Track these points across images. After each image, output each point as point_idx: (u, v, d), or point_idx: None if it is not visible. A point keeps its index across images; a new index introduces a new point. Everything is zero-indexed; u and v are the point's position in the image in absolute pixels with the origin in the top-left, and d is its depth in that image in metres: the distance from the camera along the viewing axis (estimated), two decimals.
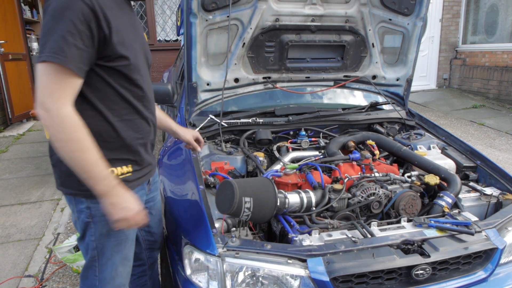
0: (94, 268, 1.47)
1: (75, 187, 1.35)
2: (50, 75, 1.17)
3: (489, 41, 8.00)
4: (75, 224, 1.48)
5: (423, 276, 1.51)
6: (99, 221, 1.39)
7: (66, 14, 1.15)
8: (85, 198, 1.36)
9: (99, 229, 1.41)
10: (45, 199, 3.84)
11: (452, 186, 1.96)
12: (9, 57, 6.34)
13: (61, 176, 1.38)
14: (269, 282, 1.46)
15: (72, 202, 1.42)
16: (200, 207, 1.67)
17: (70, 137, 1.18)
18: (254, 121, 2.48)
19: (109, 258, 1.47)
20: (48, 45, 1.15)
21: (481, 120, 6.53)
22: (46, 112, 1.16)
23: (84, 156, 1.20)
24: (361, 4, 2.47)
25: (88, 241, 1.43)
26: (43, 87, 1.17)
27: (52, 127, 1.18)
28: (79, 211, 1.41)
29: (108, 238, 1.44)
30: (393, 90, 2.91)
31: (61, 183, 1.40)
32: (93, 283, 1.50)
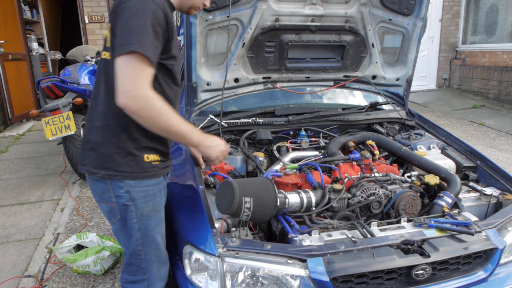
0: (139, 252, 1.58)
1: (114, 169, 1.46)
2: (133, 66, 1.31)
3: (489, 41, 8.01)
4: (110, 212, 1.55)
5: (423, 276, 1.51)
6: (139, 203, 1.52)
7: (147, 15, 1.33)
8: (123, 180, 1.47)
9: (139, 210, 1.52)
10: (45, 199, 3.84)
11: (452, 186, 1.96)
12: (9, 57, 6.34)
13: (99, 158, 1.48)
14: (269, 282, 1.46)
15: (108, 189, 1.50)
16: (200, 207, 1.67)
17: (161, 111, 1.36)
18: (254, 121, 2.48)
19: (152, 239, 1.58)
20: (132, 39, 1.30)
21: (481, 120, 6.54)
22: (132, 99, 1.31)
23: (175, 121, 1.41)
24: (361, 4, 2.47)
25: (131, 224, 1.54)
26: (126, 78, 1.31)
27: (143, 109, 1.33)
28: (118, 196, 1.50)
29: (149, 219, 1.55)
30: (393, 90, 2.91)
31: (98, 166, 1.48)
32: (139, 266, 1.60)
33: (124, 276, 1.66)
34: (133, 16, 1.32)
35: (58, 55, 7.12)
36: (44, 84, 3.70)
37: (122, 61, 1.31)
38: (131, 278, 1.64)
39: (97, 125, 1.50)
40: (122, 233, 1.59)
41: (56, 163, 4.86)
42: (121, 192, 1.50)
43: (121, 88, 1.31)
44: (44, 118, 3.64)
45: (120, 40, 1.32)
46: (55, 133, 3.62)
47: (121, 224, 1.56)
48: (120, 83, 1.31)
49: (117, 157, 1.46)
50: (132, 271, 1.62)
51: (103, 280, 2.59)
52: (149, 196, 1.54)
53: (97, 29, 7.02)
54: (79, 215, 3.48)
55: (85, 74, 4.49)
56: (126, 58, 1.31)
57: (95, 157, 1.50)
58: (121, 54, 1.31)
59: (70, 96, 3.80)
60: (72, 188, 4.09)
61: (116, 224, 1.58)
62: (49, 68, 8.05)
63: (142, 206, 1.53)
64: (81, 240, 2.67)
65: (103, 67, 1.50)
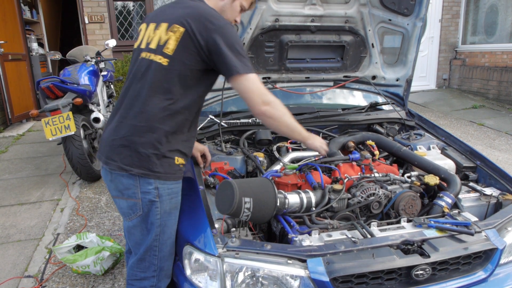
0: (155, 248, 1.63)
1: (149, 168, 1.54)
2: (258, 82, 1.56)
3: (488, 41, 8.01)
4: (130, 208, 1.59)
5: (423, 276, 1.51)
6: (165, 200, 1.60)
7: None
8: (154, 179, 1.55)
9: (163, 207, 1.60)
10: (45, 200, 3.84)
11: (452, 186, 1.96)
12: (9, 58, 6.34)
13: (134, 156, 1.54)
14: (269, 283, 1.46)
15: (136, 185, 1.55)
16: (200, 208, 1.68)
17: (286, 112, 1.63)
18: (254, 121, 2.48)
19: (169, 237, 1.65)
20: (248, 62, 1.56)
21: (481, 120, 6.54)
22: (269, 105, 1.56)
23: (293, 120, 1.67)
24: (360, 5, 2.48)
25: (153, 220, 1.59)
26: (260, 91, 1.55)
27: (278, 111, 1.59)
28: (145, 192, 1.56)
29: (170, 216, 1.63)
30: (393, 91, 2.91)
31: (131, 163, 1.54)
32: (152, 262, 1.64)
33: (132, 273, 1.67)
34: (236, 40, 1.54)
35: (58, 55, 7.12)
36: (44, 84, 3.70)
37: (248, 80, 1.53)
38: (141, 275, 1.65)
39: (139, 125, 1.54)
40: (138, 230, 1.62)
41: (56, 163, 4.86)
42: (149, 188, 1.56)
43: (259, 99, 1.55)
44: (44, 118, 3.64)
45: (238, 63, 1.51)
46: (55, 133, 3.62)
47: (141, 220, 1.59)
48: (256, 96, 1.55)
49: (154, 158, 1.54)
50: (143, 267, 1.65)
51: (103, 281, 2.59)
52: (173, 194, 1.63)
53: (97, 29, 7.02)
54: (79, 215, 3.48)
55: (85, 75, 4.48)
56: (250, 77, 1.53)
57: (129, 154, 1.54)
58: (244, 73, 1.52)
59: (70, 97, 3.80)
60: (72, 188, 4.09)
61: (134, 220, 1.60)
62: (49, 68, 8.05)
63: (167, 202, 1.60)
64: (81, 241, 2.67)
65: (153, 71, 1.55)
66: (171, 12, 1.61)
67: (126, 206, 1.61)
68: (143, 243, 1.63)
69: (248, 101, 1.56)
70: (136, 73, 1.60)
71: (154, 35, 1.60)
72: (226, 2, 1.69)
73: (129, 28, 7.38)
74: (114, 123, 1.61)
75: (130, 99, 1.59)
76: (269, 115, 1.57)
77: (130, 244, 1.70)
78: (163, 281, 1.69)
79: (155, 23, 1.63)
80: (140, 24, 1.76)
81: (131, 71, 1.64)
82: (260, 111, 1.56)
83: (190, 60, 1.53)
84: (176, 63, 1.53)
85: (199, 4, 1.60)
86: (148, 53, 1.58)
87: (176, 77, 1.54)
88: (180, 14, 1.56)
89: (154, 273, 1.65)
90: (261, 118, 1.60)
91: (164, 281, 1.69)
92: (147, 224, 1.60)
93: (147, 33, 1.65)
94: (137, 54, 1.64)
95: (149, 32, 1.63)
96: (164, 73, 1.53)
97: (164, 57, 1.53)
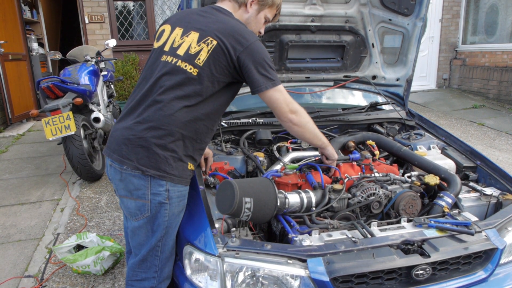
0: (157, 249, 1.64)
1: (166, 171, 1.56)
2: (285, 93, 1.66)
3: (489, 41, 8.01)
4: (138, 209, 1.59)
5: (423, 276, 1.51)
6: (174, 202, 1.62)
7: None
8: (166, 181, 1.57)
9: (172, 209, 1.62)
10: (45, 199, 3.84)
11: (452, 186, 1.96)
12: (9, 57, 6.34)
13: (153, 158, 1.55)
14: (269, 282, 1.46)
15: (147, 186, 1.56)
16: (200, 207, 1.68)
17: (310, 119, 1.76)
18: (254, 121, 2.48)
19: (171, 238, 1.67)
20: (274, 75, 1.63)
21: (481, 120, 6.54)
22: (296, 113, 1.68)
23: (315, 127, 1.80)
24: (361, 5, 2.48)
25: (160, 221, 1.61)
26: (287, 101, 1.66)
27: (303, 119, 1.72)
28: (156, 193, 1.57)
29: (177, 218, 1.66)
30: (393, 90, 2.91)
31: (148, 164, 1.55)
32: (153, 263, 1.65)
33: (132, 273, 1.68)
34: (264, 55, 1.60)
35: (58, 55, 7.12)
36: (44, 84, 3.70)
37: (275, 92, 1.62)
38: (142, 275, 1.66)
39: (159, 127, 1.55)
40: (142, 230, 1.62)
41: (56, 163, 4.86)
42: (160, 190, 1.57)
43: (286, 108, 1.66)
44: (44, 118, 3.64)
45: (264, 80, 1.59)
46: (55, 133, 3.62)
47: (147, 221, 1.60)
48: (284, 105, 1.65)
49: (171, 161, 1.57)
50: (144, 267, 1.65)
51: (103, 280, 2.59)
52: (182, 196, 1.65)
53: (97, 29, 7.02)
54: (79, 215, 3.48)
55: (85, 74, 4.48)
56: (276, 89, 1.62)
57: (147, 155, 1.55)
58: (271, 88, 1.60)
59: (70, 96, 3.80)
60: (72, 188, 4.10)
61: (140, 221, 1.60)
62: (49, 68, 8.06)
63: (176, 205, 1.62)
64: (81, 240, 2.67)
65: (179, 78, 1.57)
66: (201, 22, 1.63)
67: (134, 206, 1.60)
68: (146, 244, 1.63)
69: (276, 110, 1.67)
70: (157, 74, 1.60)
71: (182, 42, 1.61)
72: (251, 14, 1.74)
73: (129, 28, 7.38)
74: (131, 121, 1.60)
75: (150, 100, 1.58)
76: (295, 122, 1.69)
77: (132, 244, 1.70)
78: (163, 283, 1.69)
79: (183, 29, 1.64)
80: (162, 24, 1.76)
81: (151, 71, 1.64)
82: (287, 118, 1.67)
83: (219, 72, 1.59)
84: (204, 74, 1.57)
85: (230, 19, 1.66)
86: (174, 58, 1.59)
87: (203, 87, 1.58)
88: (213, 27, 1.59)
89: (155, 274, 1.66)
90: (287, 125, 1.71)
91: (164, 282, 1.70)
92: (153, 226, 1.61)
93: (172, 36, 1.65)
94: (159, 55, 1.65)
95: (175, 36, 1.64)
96: (191, 82, 1.57)
97: (194, 67, 1.57)
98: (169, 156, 1.56)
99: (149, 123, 1.56)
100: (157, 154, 1.54)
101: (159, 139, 1.54)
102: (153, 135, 1.54)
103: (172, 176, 1.57)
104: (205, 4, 2.17)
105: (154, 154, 1.54)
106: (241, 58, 1.56)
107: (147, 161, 1.54)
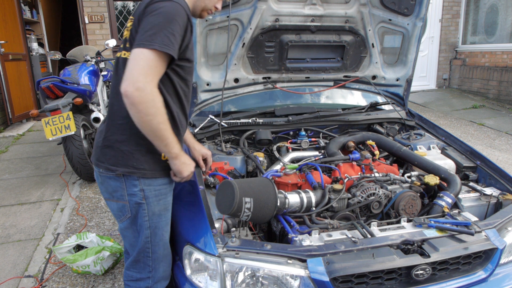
0: (148, 250, 1.61)
1: (134, 166, 1.51)
2: (150, 60, 1.35)
3: (489, 41, 8.01)
4: (120, 211, 1.58)
5: (423, 276, 1.51)
6: (152, 202, 1.56)
7: (176, 18, 1.40)
8: (138, 178, 1.52)
9: (151, 209, 1.57)
10: (45, 199, 3.84)
11: (452, 186, 1.96)
12: (9, 57, 6.34)
13: (117, 155, 1.52)
14: (269, 282, 1.46)
15: (122, 187, 1.53)
16: (200, 207, 1.68)
17: (158, 112, 1.39)
18: (254, 121, 2.48)
19: (161, 238, 1.62)
20: (159, 38, 1.36)
21: (481, 120, 6.54)
22: (137, 90, 1.32)
23: (166, 127, 1.43)
24: (361, 5, 2.47)
25: (141, 222, 1.58)
26: (139, 69, 1.34)
27: (144, 103, 1.34)
28: (132, 194, 1.54)
29: (160, 218, 1.60)
30: (393, 90, 2.91)
31: (116, 163, 1.52)
32: (146, 263, 1.62)
33: (128, 273, 1.67)
34: (163, 17, 1.38)
35: (58, 55, 7.11)
36: (44, 84, 3.70)
37: (142, 53, 1.35)
38: (136, 276, 1.65)
39: (118, 123, 1.52)
40: (129, 232, 1.62)
41: (56, 163, 4.86)
42: (135, 191, 1.54)
43: (131, 76, 1.33)
44: (44, 118, 3.64)
45: (145, 36, 1.36)
46: (55, 133, 3.62)
47: (130, 222, 1.59)
48: (132, 72, 1.33)
49: (138, 155, 1.51)
50: (138, 268, 1.64)
51: (103, 280, 2.59)
52: (162, 195, 1.60)
53: (97, 29, 7.02)
54: (79, 215, 3.48)
55: (85, 74, 4.49)
56: (146, 51, 1.35)
57: (114, 154, 1.53)
58: (144, 47, 1.34)
59: (70, 96, 3.80)
60: (72, 188, 4.09)
61: (124, 223, 1.60)
62: (49, 68, 8.05)
63: (154, 204, 1.57)
64: (81, 240, 2.67)
65: (122, 67, 1.47)
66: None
67: (116, 208, 1.60)
68: (136, 245, 1.62)
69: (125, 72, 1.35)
70: (114, 74, 1.59)
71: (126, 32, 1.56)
72: None
73: None
74: (101, 125, 1.63)
75: (111, 100, 1.58)
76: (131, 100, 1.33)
77: (125, 245, 1.71)
78: (159, 283, 1.67)
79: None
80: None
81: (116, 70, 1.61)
82: (124, 89, 1.32)
83: None
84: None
85: None
86: (122, 52, 1.55)
87: None
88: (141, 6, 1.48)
89: (149, 274, 1.64)
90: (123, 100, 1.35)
91: (160, 282, 1.68)
92: (137, 226, 1.59)
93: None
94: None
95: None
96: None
97: (127, 52, 1.47)
98: (134, 150, 1.51)
99: (110, 122, 1.55)
100: (122, 151, 1.51)
101: (121, 135, 1.51)
102: (114, 133, 1.53)
103: (142, 170, 1.52)
104: None
105: (119, 151, 1.52)
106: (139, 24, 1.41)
107: (115, 160, 1.52)
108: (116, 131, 1.53)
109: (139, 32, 1.39)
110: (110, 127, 1.55)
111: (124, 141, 1.51)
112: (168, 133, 1.44)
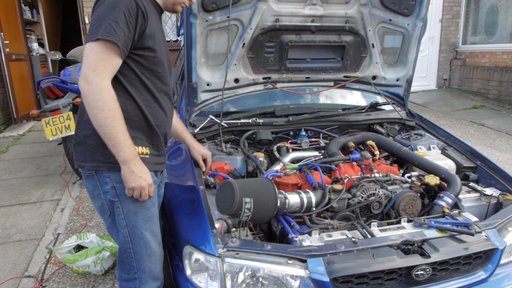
0: (129, 250, 1.58)
1: (100, 160, 1.49)
2: (98, 53, 1.36)
3: (489, 41, 8.00)
4: (101, 209, 1.58)
5: (423, 277, 1.51)
6: (125, 199, 1.53)
7: (119, 6, 1.38)
8: (107, 172, 1.49)
9: (125, 206, 1.53)
10: (45, 200, 3.84)
11: (452, 186, 1.96)
12: (13, 58, 6.35)
13: (86, 150, 1.52)
14: (269, 283, 1.46)
15: (97, 185, 1.52)
16: (200, 208, 1.67)
17: (105, 106, 1.36)
18: (254, 122, 2.48)
19: (141, 237, 1.57)
20: (102, 27, 1.35)
21: (481, 120, 6.53)
22: (87, 83, 1.35)
23: (114, 124, 1.37)
24: (361, 5, 2.47)
25: (118, 221, 1.55)
26: (89, 63, 1.36)
27: (91, 95, 1.35)
28: (105, 192, 1.53)
29: (136, 215, 1.55)
30: (393, 91, 2.91)
31: (85, 158, 1.52)
32: (130, 264, 1.59)
33: (119, 273, 1.67)
34: (106, 7, 1.38)
35: (58, 55, 7.12)
36: (44, 84, 3.70)
37: (89, 47, 1.37)
38: (125, 276, 1.64)
39: (85, 119, 1.50)
40: (114, 230, 1.62)
41: (56, 163, 4.86)
42: (107, 188, 1.53)
43: (82, 70, 1.37)
44: (44, 118, 3.65)
45: (91, 30, 1.38)
46: (55, 134, 3.62)
47: (112, 221, 1.59)
48: (83, 66, 1.38)
49: (103, 148, 1.45)
50: (125, 268, 1.63)
51: (103, 281, 2.59)
52: None
53: None
54: (79, 215, 3.48)
55: None
56: (94, 45, 1.36)
57: (83, 150, 1.53)
58: (90, 41, 1.37)
59: (70, 97, 3.80)
60: (72, 188, 4.09)
61: (107, 221, 1.61)
62: (49, 69, 8.05)
63: (128, 202, 1.53)
64: (81, 241, 2.67)
65: None
66: None
67: (98, 207, 1.61)
68: (119, 244, 1.62)
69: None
70: None
71: None
72: None
73: None
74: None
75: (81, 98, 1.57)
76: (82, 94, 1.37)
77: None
78: (148, 284, 1.63)
79: None
80: None
81: None
82: (78, 84, 1.38)
83: None
84: None
85: None
86: None
87: None
88: None
89: (135, 275, 1.61)
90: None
91: (149, 283, 1.63)
92: (116, 225, 1.58)
93: None
94: None
95: None
96: None
97: None
98: (99, 144, 1.46)
99: (80, 119, 1.56)
100: (89, 146, 1.51)
101: (89, 129, 1.49)
102: (81, 129, 1.54)
103: (109, 164, 1.47)
104: (205, 4, 2.17)
105: (87, 147, 1.52)
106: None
107: (83, 156, 1.53)
108: (83, 126, 1.53)
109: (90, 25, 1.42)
110: (79, 124, 1.56)
111: (90, 135, 1.49)
112: (116, 131, 1.37)
